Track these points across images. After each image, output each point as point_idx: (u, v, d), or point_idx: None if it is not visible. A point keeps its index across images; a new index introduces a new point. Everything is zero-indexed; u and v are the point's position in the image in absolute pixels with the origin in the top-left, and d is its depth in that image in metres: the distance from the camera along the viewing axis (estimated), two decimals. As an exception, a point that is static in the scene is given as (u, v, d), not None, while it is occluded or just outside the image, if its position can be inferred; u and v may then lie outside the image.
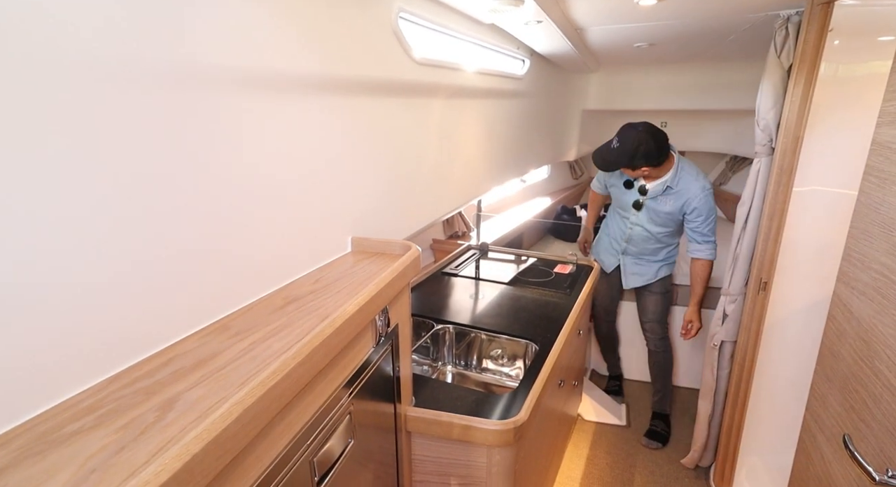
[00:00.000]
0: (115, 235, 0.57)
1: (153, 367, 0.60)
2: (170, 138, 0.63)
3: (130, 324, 0.60)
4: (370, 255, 1.10)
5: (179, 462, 0.44)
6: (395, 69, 1.19)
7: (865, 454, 0.90)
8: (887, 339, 0.88)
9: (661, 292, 2.40)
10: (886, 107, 0.94)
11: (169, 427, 0.49)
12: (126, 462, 0.44)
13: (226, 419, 0.49)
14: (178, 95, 0.63)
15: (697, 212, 2.09)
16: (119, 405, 0.53)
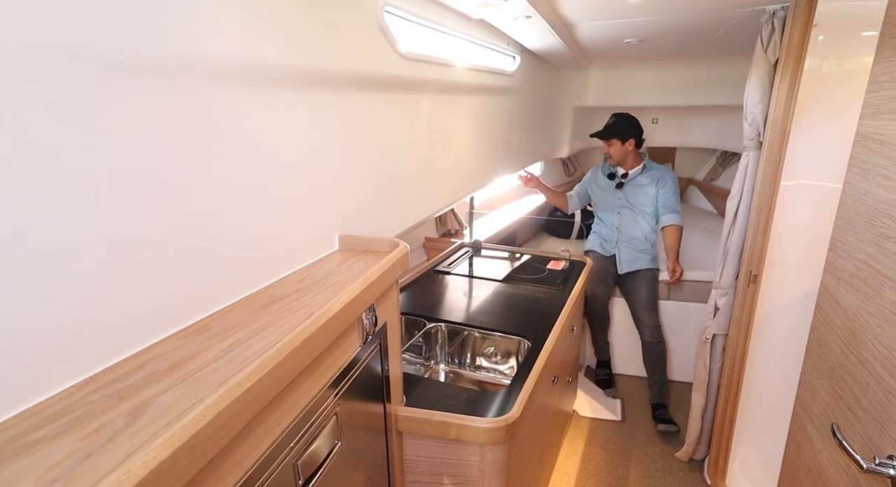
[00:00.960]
0: (86, 235, 0.55)
1: (126, 371, 0.59)
2: (146, 134, 0.61)
3: (102, 326, 0.58)
4: (358, 253, 1.09)
5: (145, 470, 0.42)
6: (382, 64, 1.18)
7: (853, 442, 0.90)
8: (873, 328, 0.88)
9: (650, 278, 2.66)
10: (869, 99, 0.94)
11: (139, 432, 0.47)
12: (90, 470, 0.43)
13: (198, 422, 0.48)
14: (153, 89, 0.62)
15: (668, 188, 2.66)
16: (88, 410, 0.51)
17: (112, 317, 0.60)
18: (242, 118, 0.78)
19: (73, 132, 0.53)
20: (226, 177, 0.76)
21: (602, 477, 2.13)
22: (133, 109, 0.60)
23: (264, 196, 0.85)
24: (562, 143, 3.51)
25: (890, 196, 0.84)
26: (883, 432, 0.83)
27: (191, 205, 0.70)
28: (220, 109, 0.73)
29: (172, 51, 0.64)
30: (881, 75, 0.90)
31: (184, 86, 0.67)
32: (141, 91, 0.60)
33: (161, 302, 0.66)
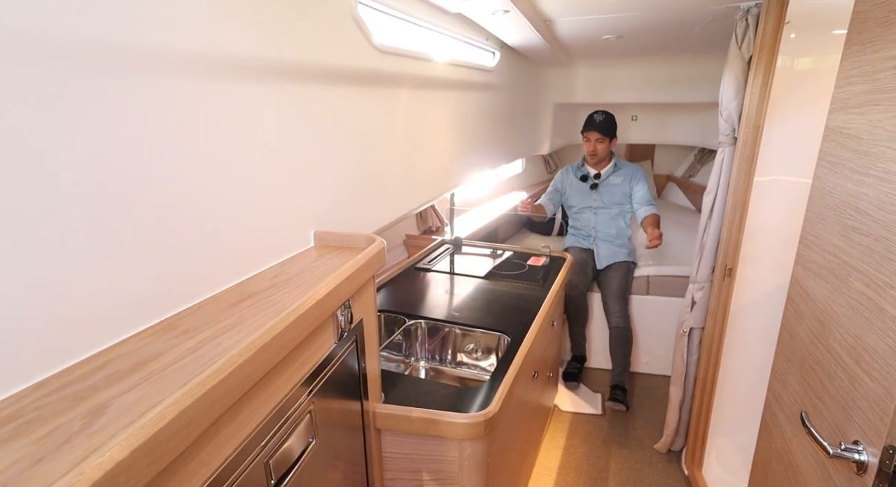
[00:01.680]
0: (40, 229, 0.53)
1: (86, 371, 0.56)
2: (106, 125, 0.59)
3: (58, 326, 0.56)
4: (334, 249, 1.07)
5: (100, 471, 0.40)
6: (358, 58, 1.16)
7: (821, 429, 0.92)
8: (840, 318, 0.90)
9: (625, 270, 2.75)
10: (838, 94, 0.96)
11: (97, 434, 0.46)
12: (42, 474, 0.41)
13: (158, 422, 0.46)
14: (115, 79, 0.60)
15: (641, 183, 2.77)
16: (42, 413, 0.49)
17: (69, 316, 0.57)
18: (209, 110, 0.76)
19: (28, 122, 0.51)
20: (193, 171, 0.74)
21: (583, 470, 2.15)
22: (94, 99, 0.58)
23: (234, 191, 0.83)
24: (543, 140, 3.53)
25: (857, 188, 0.86)
26: (849, 418, 0.85)
27: (156, 198, 0.68)
28: (185, 100, 0.71)
29: (135, 39, 0.62)
30: (849, 70, 0.91)
31: (148, 76, 0.64)
32: (102, 80, 0.58)
33: (124, 299, 0.64)
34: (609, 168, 2.80)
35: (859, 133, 0.86)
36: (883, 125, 0.79)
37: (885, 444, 0.76)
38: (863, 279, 0.84)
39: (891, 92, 0.78)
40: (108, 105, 0.60)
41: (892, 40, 0.79)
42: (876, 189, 0.80)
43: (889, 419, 0.76)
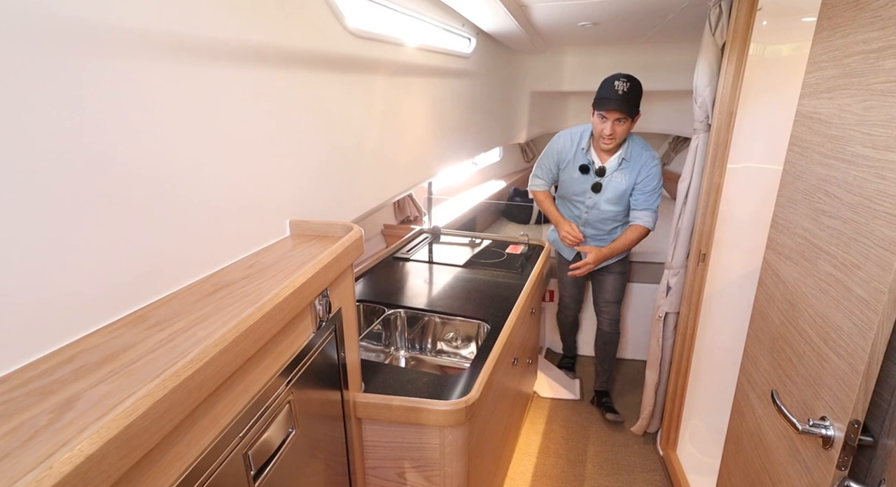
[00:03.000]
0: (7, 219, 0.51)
1: (52, 365, 0.54)
2: (76, 111, 0.57)
3: (23, 319, 0.54)
4: (310, 238, 1.06)
5: (69, 465, 0.39)
6: (330, 41, 1.13)
7: (791, 407, 0.95)
8: (809, 299, 0.92)
9: (619, 271, 2.37)
10: (808, 79, 0.98)
11: (65, 429, 0.44)
12: (7, 471, 0.39)
13: (130, 414, 0.45)
14: (76, 60, 0.57)
15: (648, 180, 2.07)
16: (5, 409, 0.47)
17: (33, 309, 0.55)
18: (175, 95, 0.73)
19: None
20: (162, 160, 0.71)
21: (562, 454, 2.19)
22: (57, 81, 0.55)
23: (205, 178, 0.81)
24: (520, 129, 3.53)
25: (826, 172, 0.88)
26: (817, 395, 0.88)
27: (125, 187, 0.65)
28: (149, 86, 0.68)
29: (93, 16, 0.58)
30: (819, 55, 0.93)
31: (110, 60, 0.61)
32: (63, 61, 0.55)
33: (92, 290, 0.62)
34: (615, 160, 2.09)
35: (829, 117, 0.88)
36: (852, 109, 0.81)
37: (850, 419, 0.79)
38: (831, 260, 0.86)
39: (859, 76, 0.79)
40: (69, 91, 0.57)
41: (860, 24, 0.81)
42: (844, 172, 0.82)
43: (854, 394, 0.78)
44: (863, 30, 0.80)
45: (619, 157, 2.09)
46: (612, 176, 2.12)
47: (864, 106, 0.78)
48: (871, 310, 0.75)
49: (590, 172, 2.14)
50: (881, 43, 0.75)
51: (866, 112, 0.77)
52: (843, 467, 0.83)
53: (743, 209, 1.76)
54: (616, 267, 2.36)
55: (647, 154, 2.08)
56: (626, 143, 2.08)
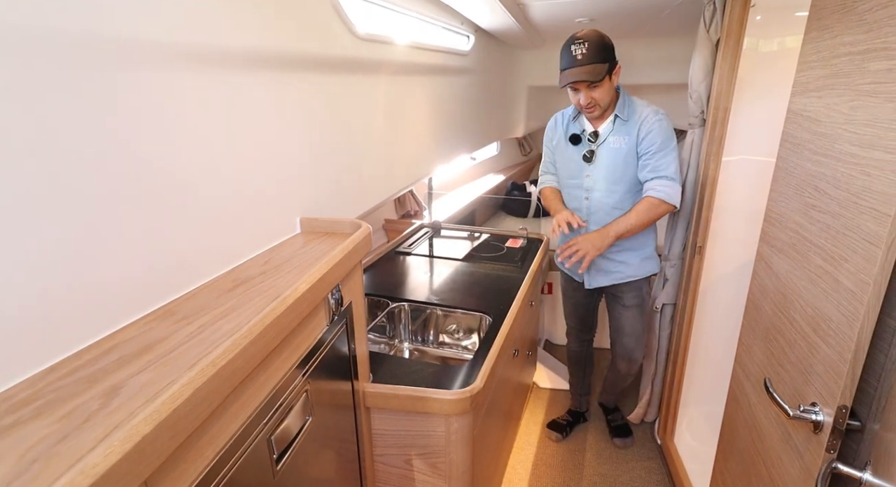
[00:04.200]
0: (44, 222, 0.54)
1: (94, 356, 0.58)
2: (105, 117, 0.60)
3: (68, 312, 0.58)
4: (320, 235, 1.09)
5: (129, 444, 0.43)
6: (338, 45, 1.17)
7: (783, 394, 1.00)
8: (800, 291, 0.97)
9: (634, 304, 1.88)
10: (799, 78, 1.01)
11: (115, 412, 0.48)
12: (70, 449, 0.43)
13: (176, 399, 0.49)
14: (104, 71, 0.60)
15: (651, 138, 1.64)
16: (59, 395, 0.51)
17: (75, 302, 0.59)
18: (197, 100, 0.77)
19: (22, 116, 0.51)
20: (186, 160, 0.75)
21: (561, 444, 2.24)
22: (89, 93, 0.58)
23: (222, 178, 0.84)
24: (517, 123, 3.56)
25: (816, 168, 0.92)
26: (807, 382, 0.93)
27: (145, 189, 0.69)
28: (173, 91, 0.72)
29: (121, 31, 0.62)
30: (809, 55, 0.97)
31: (135, 69, 0.65)
32: (91, 74, 0.58)
33: (125, 287, 0.66)
34: (607, 124, 1.73)
35: (818, 116, 0.92)
36: (839, 108, 0.84)
37: (838, 404, 0.84)
38: (821, 253, 0.90)
39: (846, 76, 0.83)
40: (98, 98, 0.60)
41: (847, 27, 0.84)
42: (833, 169, 0.86)
43: (842, 381, 0.83)
44: (850, 32, 0.83)
45: (612, 118, 1.72)
46: (607, 140, 1.73)
47: (850, 105, 0.81)
48: (858, 301, 0.79)
49: (582, 142, 1.77)
50: (866, 45, 0.79)
51: (853, 111, 0.81)
52: (832, 450, 0.87)
53: (738, 202, 1.80)
54: (629, 299, 1.89)
55: (647, 109, 1.69)
56: (623, 99, 1.72)
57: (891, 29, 0.73)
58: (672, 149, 1.67)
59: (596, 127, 1.76)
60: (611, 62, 1.62)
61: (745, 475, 1.21)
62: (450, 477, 1.27)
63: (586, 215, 1.81)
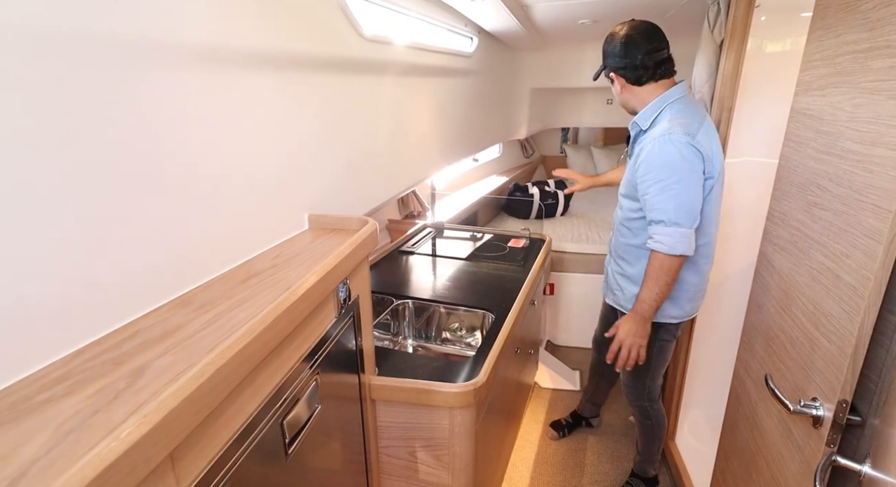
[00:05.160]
0: (74, 215, 0.57)
1: (118, 340, 0.61)
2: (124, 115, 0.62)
3: (92, 299, 0.60)
4: (328, 231, 1.11)
5: (158, 416, 0.46)
6: (344, 45, 1.19)
7: (784, 390, 1.01)
8: (802, 288, 0.98)
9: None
10: (802, 77, 1.03)
11: (142, 391, 0.50)
12: (103, 422, 0.46)
13: (199, 378, 0.52)
14: (121, 70, 0.62)
15: (642, 171, 1.42)
16: (88, 375, 0.53)
17: (100, 291, 0.61)
18: (214, 101, 0.79)
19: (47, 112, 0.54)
20: (198, 159, 0.77)
21: (563, 442, 2.25)
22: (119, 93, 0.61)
23: (236, 174, 0.87)
24: (519, 125, 3.58)
25: (818, 166, 0.94)
26: (808, 378, 0.94)
27: (167, 184, 0.71)
28: (192, 91, 0.74)
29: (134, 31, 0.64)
30: (812, 54, 0.99)
31: (158, 67, 0.67)
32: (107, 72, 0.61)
33: (143, 277, 0.68)
34: (633, 123, 1.57)
35: (821, 114, 0.94)
36: (842, 106, 0.86)
37: (839, 399, 0.85)
38: (823, 250, 0.92)
39: (849, 75, 0.85)
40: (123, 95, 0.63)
41: (850, 26, 0.86)
42: (836, 166, 0.88)
43: (843, 376, 0.84)
44: (853, 31, 0.85)
45: (633, 122, 1.54)
46: (633, 147, 1.58)
47: (853, 103, 0.83)
48: (859, 296, 0.80)
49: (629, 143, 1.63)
50: (869, 44, 0.80)
51: (855, 109, 0.82)
52: (833, 444, 0.88)
53: (741, 203, 1.81)
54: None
55: (657, 129, 1.43)
56: (658, 105, 1.48)
57: (894, 27, 0.74)
58: (672, 182, 1.37)
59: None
60: (609, 65, 1.53)
61: (746, 472, 1.22)
62: (453, 470, 1.29)
63: (613, 223, 1.72)
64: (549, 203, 3.57)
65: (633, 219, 1.56)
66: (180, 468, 0.53)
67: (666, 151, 1.37)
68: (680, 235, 1.39)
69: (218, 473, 0.60)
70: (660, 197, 1.39)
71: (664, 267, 1.42)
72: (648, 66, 1.46)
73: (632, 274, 1.61)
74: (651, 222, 1.44)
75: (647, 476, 1.98)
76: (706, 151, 1.38)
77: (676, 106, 1.45)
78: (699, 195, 1.40)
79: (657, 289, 1.45)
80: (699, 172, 1.38)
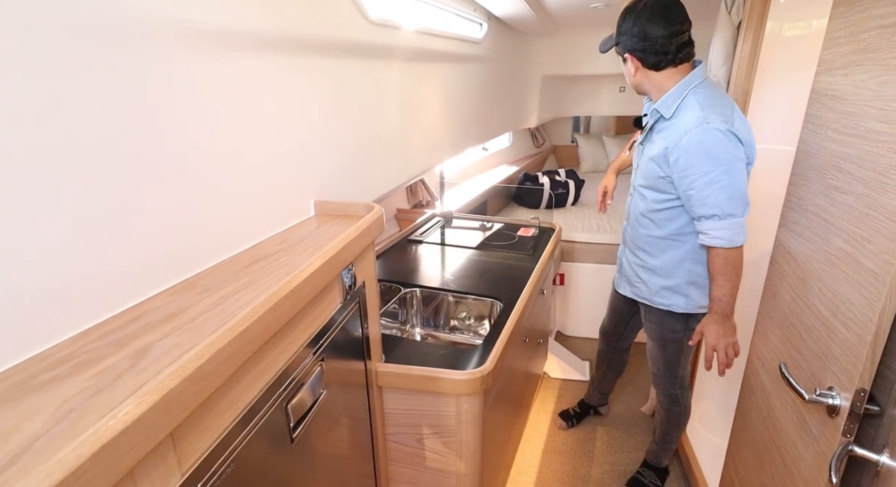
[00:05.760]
0: (82, 198, 0.57)
1: (123, 322, 0.61)
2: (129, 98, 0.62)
3: (98, 282, 0.61)
4: (334, 217, 1.10)
5: (157, 395, 0.46)
6: (351, 29, 1.17)
7: (799, 379, 0.99)
8: (820, 274, 0.95)
9: (654, 337, 1.64)
10: (824, 56, 0.99)
11: (144, 371, 0.50)
12: (104, 402, 0.46)
13: (199, 358, 0.52)
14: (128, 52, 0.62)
15: (680, 167, 1.34)
16: (91, 356, 0.54)
17: (106, 273, 0.62)
18: (222, 87, 0.79)
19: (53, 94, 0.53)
20: (205, 144, 0.77)
21: (571, 432, 2.25)
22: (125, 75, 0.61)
23: (243, 160, 0.86)
24: (530, 113, 3.54)
25: (840, 149, 0.90)
26: (824, 367, 0.92)
27: (174, 169, 0.71)
28: (200, 74, 0.74)
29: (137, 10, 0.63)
30: (835, 31, 0.95)
31: (153, 51, 0.66)
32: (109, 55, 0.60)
33: (149, 260, 0.68)
34: (650, 117, 1.48)
35: (843, 94, 0.90)
36: (866, 85, 0.83)
37: (856, 388, 0.83)
38: (842, 235, 0.89)
39: (874, 51, 0.81)
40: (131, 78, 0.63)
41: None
42: (858, 148, 0.84)
43: (861, 364, 0.82)
44: (879, 4, 0.81)
45: (654, 109, 1.44)
46: (650, 136, 1.48)
47: (879, 81, 0.80)
48: (880, 282, 0.77)
49: (641, 126, 1.55)
50: (897, 19, 0.77)
51: (881, 87, 0.79)
52: (849, 434, 0.86)
53: (757, 191, 1.77)
54: (649, 329, 1.68)
55: (690, 117, 1.33)
56: (682, 90, 1.38)
57: (924, -1, 0.71)
58: (719, 174, 1.29)
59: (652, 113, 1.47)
60: (624, 44, 1.41)
61: (758, 462, 1.20)
62: (460, 456, 1.29)
63: (628, 213, 1.66)
64: (559, 192, 3.54)
65: (657, 210, 1.49)
66: (182, 448, 0.53)
67: (707, 142, 1.29)
68: (737, 226, 1.35)
69: (221, 454, 0.60)
70: (709, 190, 1.32)
71: (728, 260, 1.38)
72: (669, 50, 1.36)
73: (656, 266, 1.56)
74: (700, 218, 1.37)
75: (659, 465, 1.95)
76: (745, 138, 1.33)
77: (702, 91, 1.37)
78: (746, 181, 1.35)
79: (728, 284, 1.41)
80: (743, 159, 1.33)
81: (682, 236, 1.48)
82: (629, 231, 1.64)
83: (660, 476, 1.94)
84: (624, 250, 1.71)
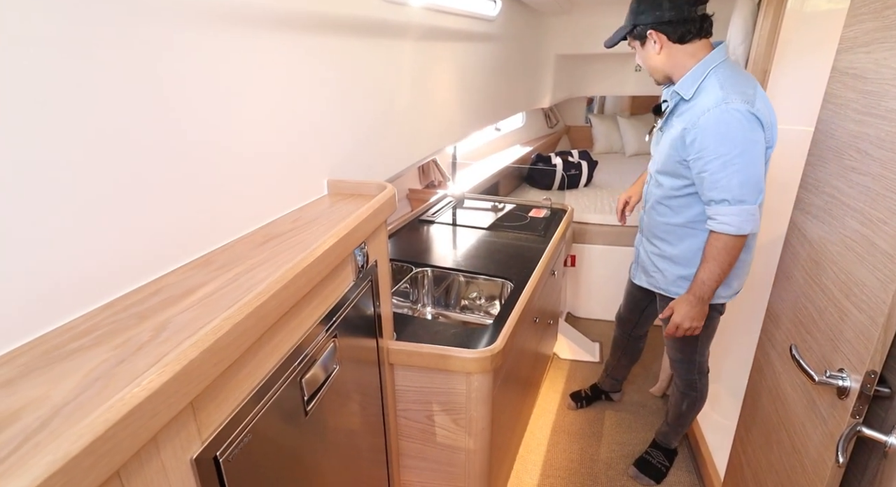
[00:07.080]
0: (103, 174, 0.59)
1: (143, 296, 0.63)
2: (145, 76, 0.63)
3: (119, 256, 0.62)
4: (346, 196, 1.11)
5: (179, 365, 0.48)
6: (364, 7, 1.16)
7: (809, 360, 0.99)
8: (834, 256, 0.95)
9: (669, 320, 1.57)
10: (846, 33, 0.97)
11: (164, 343, 0.53)
12: (127, 371, 0.48)
13: (218, 331, 0.53)
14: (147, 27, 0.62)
15: (697, 147, 1.31)
16: (114, 327, 0.56)
17: (127, 249, 0.63)
18: (236, 65, 0.79)
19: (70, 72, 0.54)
20: (220, 122, 0.78)
21: (580, 413, 2.27)
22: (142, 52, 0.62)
23: (255, 140, 0.87)
24: (544, 93, 3.49)
25: (858, 129, 0.89)
26: (835, 348, 0.92)
27: (190, 147, 0.72)
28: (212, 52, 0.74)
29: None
30: (859, 7, 0.92)
31: (171, 26, 0.66)
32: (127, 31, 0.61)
33: (167, 237, 0.70)
34: (673, 94, 1.43)
35: (864, 72, 0.88)
36: (889, 63, 0.81)
37: (867, 369, 0.83)
38: (858, 217, 0.88)
39: (898, 29, 0.79)
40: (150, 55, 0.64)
41: (904, -24, 0.80)
42: (877, 128, 0.83)
43: (873, 346, 0.82)
44: (906, -19, 0.79)
45: (671, 91, 1.41)
46: (669, 120, 1.45)
47: (901, 60, 0.78)
48: (895, 264, 0.77)
49: (660, 112, 1.51)
50: (924, -6, 0.75)
51: (903, 66, 0.77)
52: (858, 415, 0.86)
53: (775, 172, 1.74)
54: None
55: (710, 98, 1.30)
56: (702, 71, 1.35)
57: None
58: (734, 156, 1.26)
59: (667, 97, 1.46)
60: (645, 22, 1.38)
61: (767, 443, 1.21)
62: (469, 433, 1.31)
63: (645, 201, 1.64)
64: (572, 173, 3.51)
65: (674, 196, 1.47)
66: (202, 417, 0.55)
67: (725, 122, 1.26)
68: (747, 213, 1.31)
69: (238, 425, 0.62)
70: (722, 173, 1.29)
71: (728, 247, 1.36)
72: (695, 19, 1.32)
73: (673, 254, 1.54)
74: (710, 202, 1.34)
75: (669, 446, 1.96)
76: (766, 120, 1.28)
77: (723, 70, 1.33)
78: (763, 167, 1.31)
79: (718, 270, 1.39)
80: (762, 143, 1.28)
81: (699, 223, 1.46)
82: (646, 219, 1.63)
83: (668, 457, 1.95)
84: (641, 239, 1.70)
